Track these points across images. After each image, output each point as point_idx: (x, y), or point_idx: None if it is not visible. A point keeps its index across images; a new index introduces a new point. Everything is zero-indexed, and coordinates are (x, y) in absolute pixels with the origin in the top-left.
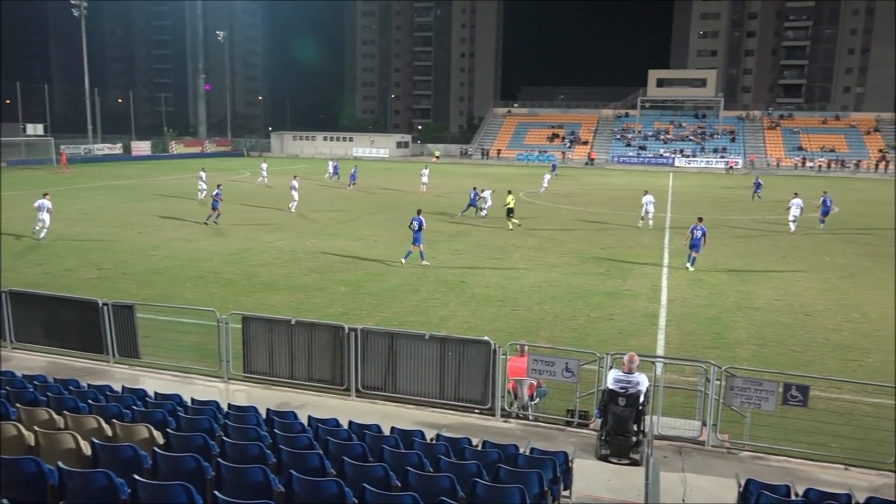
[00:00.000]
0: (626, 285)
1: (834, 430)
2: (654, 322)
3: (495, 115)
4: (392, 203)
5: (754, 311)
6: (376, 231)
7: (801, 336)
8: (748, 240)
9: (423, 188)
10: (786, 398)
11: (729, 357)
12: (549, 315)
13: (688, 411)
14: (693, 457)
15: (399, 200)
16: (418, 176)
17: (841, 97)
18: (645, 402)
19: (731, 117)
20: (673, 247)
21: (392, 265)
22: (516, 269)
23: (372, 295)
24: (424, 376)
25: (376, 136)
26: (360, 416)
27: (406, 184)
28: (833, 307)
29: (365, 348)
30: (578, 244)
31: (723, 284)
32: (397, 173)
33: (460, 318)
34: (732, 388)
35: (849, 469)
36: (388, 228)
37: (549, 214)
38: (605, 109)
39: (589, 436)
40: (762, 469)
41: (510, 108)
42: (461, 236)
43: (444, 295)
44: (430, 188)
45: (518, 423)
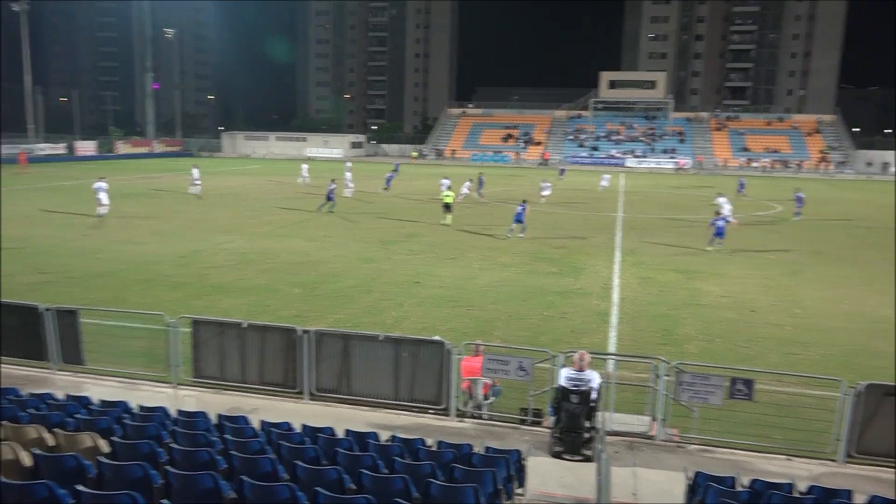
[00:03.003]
0: (578, 284)
1: (777, 421)
2: (606, 320)
3: (450, 116)
4: (346, 203)
5: (702, 307)
6: (330, 232)
7: (746, 331)
8: (696, 239)
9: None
10: (732, 392)
11: (678, 353)
12: (503, 314)
13: (638, 407)
14: (644, 451)
15: (353, 201)
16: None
17: (784, 99)
18: (597, 399)
19: (680, 118)
20: (624, 245)
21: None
22: (470, 269)
23: (325, 297)
24: (379, 378)
25: (330, 136)
26: (314, 419)
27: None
28: (776, 303)
29: (318, 351)
30: (532, 244)
31: (672, 282)
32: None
33: (415, 318)
34: (681, 383)
35: (791, 459)
36: (343, 229)
37: (503, 214)
38: (558, 110)
39: (542, 433)
40: (710, 462)
41: (465, 108)
42: (416, 237)
43: (398, 296)
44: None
45: (473, 422)
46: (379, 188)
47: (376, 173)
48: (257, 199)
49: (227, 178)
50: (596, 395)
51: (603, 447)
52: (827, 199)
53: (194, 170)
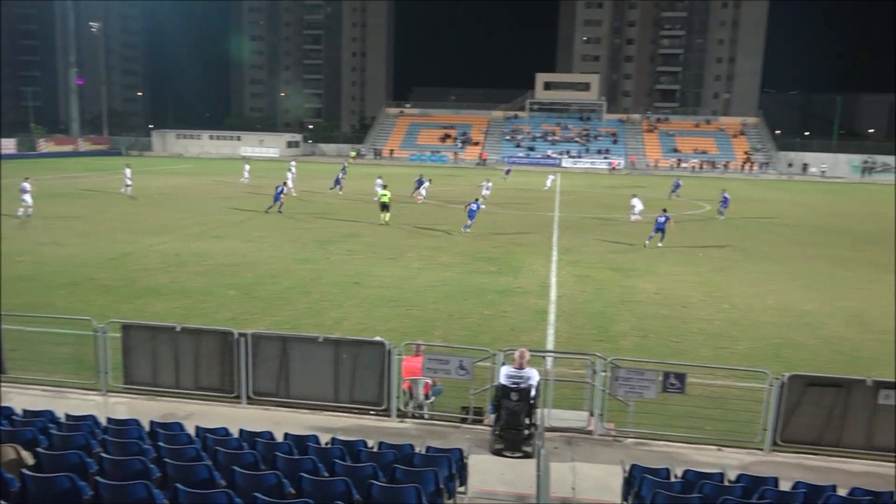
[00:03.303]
0: (517, 283)
1: (708, 413)
2: (544, 318)
3: (387, 115)
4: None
5: (636, 304)
6: (267, 232)
7: (678, 327)
8: (630, 237)
9: (339, 188)
10: (665, 386)
11: (614, 349)
12: (444, 314)
13: (576, 403)
14: (582, 446)
15: (291, 200)
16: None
17: (711, 102)
18: (536, 396)
19: (613, 120)
20: (561, 244)
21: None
22: (410, 269)
23: (263, 298)
24: (319, 380)
25: (265, 135)
26: (252, 424)
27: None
28: (707, 299)
29: (256, 354)
30: (471, 243)
31: (607, 280)
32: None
33: (354, 319)
34: (617, 378)
35: (722, 450)
36: (280, 229)
37: (441, 215)
38: (495, 111)
39: (483, 431)
40: (645, 454)
41: (402, 108)
42: (354, 237)
43: (337, 296)
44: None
45: (414, 422)
46: (323, 188)
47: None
48: (192, 199)
49: (159, 177)
50: (535, 393)
51: (542, 443)
52: (752, 199)
53: (127, 169)
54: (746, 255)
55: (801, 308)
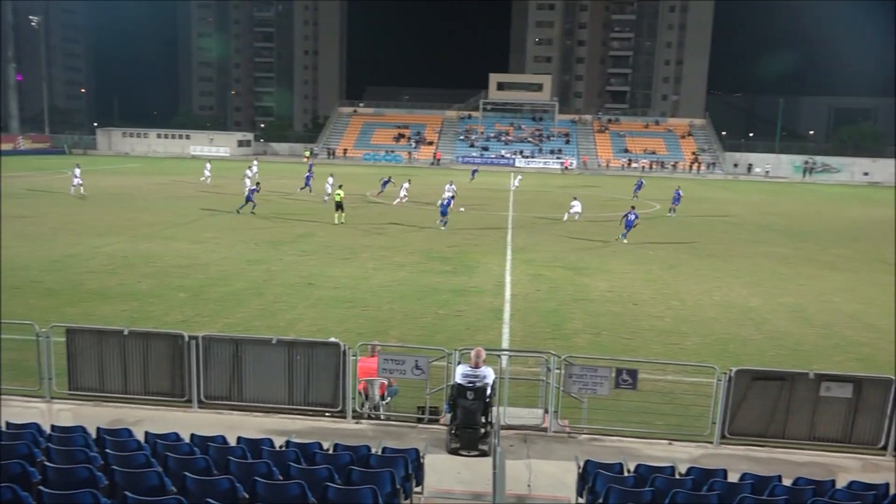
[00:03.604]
0: (472, 282)
1: (659, 409)
2: (499, 317)
3: (341, 115)
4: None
5: (589, 302)
6: (218, 233)
7: (630, 324)
8: (583, 236)
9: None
10: (618, 382)
11: (567, 347)
12: (399, 314)
13: (531, 400)
14: (537, 443)
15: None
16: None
17: (660, 104)
18: (492, 395)
19: (565, 120)
20: (515, 244)
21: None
22: (365, 270)
23: (214, 300)
24: (272, 382)
25: (215, 133)
26: (204, 428)
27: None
28: (657, 296)
29: (207, 357)
30: (426, 243)
31: (561, 279)
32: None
33: (309, 320)
34: (571, 375)
35: (672, 444)
36: (232, 230)
37: (396, 215)
38: (448, 111)
39: (439, 431)
40: (599, 450)
41: (356, 107)
42: (308, 237)
43: (291, 297)
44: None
45: (370, 423)
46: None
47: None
48: (140, 199)
49: (105, 177)
50: (491, 391)
51: (498, 441)
52: (700, 198)
53: (76, 169)
54: (694, 254)
55: (746, 304)
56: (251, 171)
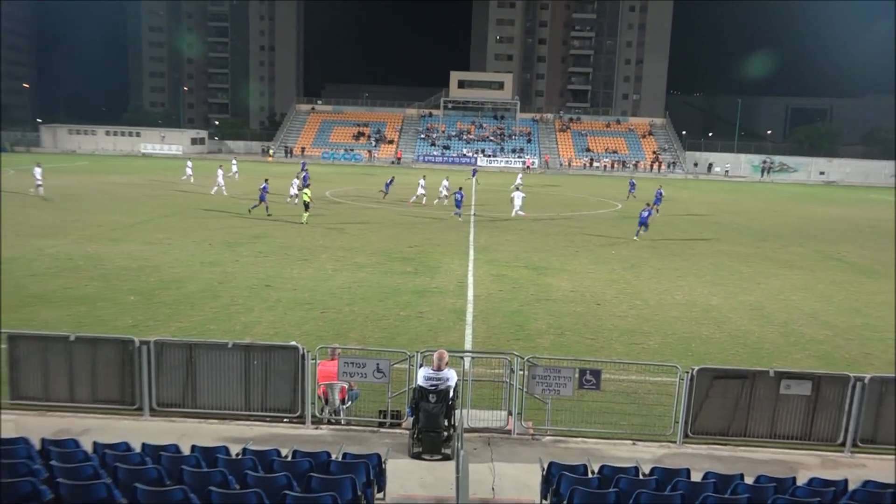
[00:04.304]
0: (434, 283)
1: (623, 409)
2: (462, 318)
3: (298, 112)
4: (188, 204)
5: (552, 302)
6: (170, 234)
7: (593, 324)
8: (545, 236)
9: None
10: (581, 383)
11: (531, 347)
12: (359, 316)
13: (495, 402)
14: (501, 446)
15: (198, 201)
16: None
17: (621, 103)
18: (454, 397)
19: (526, 119)
20: (477, 243)
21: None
22: (324, 271)
23: (167, 304)
24: (228, 388)
25: (167, 131)
26: (156, 437)
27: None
28: (619, 296)
29: (160, 362)
30: (387, 243)
31: (523, 279)
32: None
33: (266, 323)
34: (534, 377)
35: (636, 444)
36: (184, 231)
37: (356, 214)
38: (409, 109)
39: (402, 435)
40: (563, 452)
41: (314, 104)
42: (264, 237)
43: (247, 300)
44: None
45: (330, 428)
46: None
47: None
48: (87, 198)
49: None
50: (453, 394)
51: (461, 445)
52: None
53: (37, 169)
54: (656, 253)
55: (707, 303)
56: (231, 169)
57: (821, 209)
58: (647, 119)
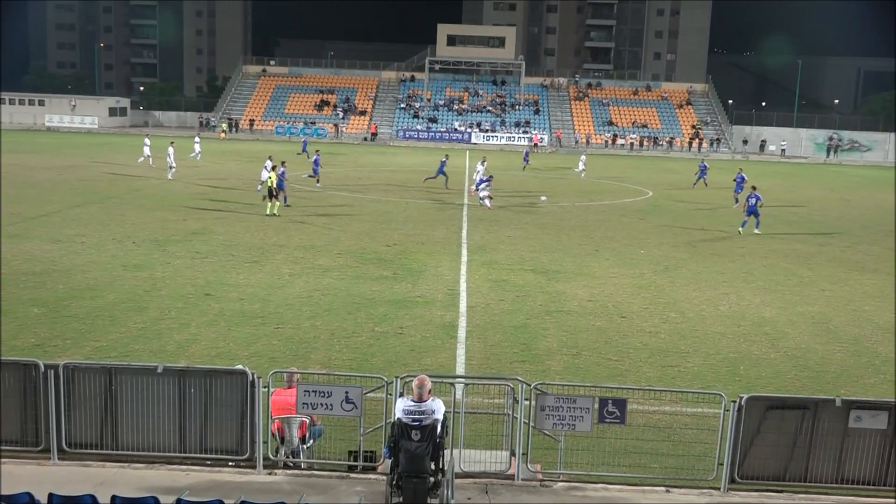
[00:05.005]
0: (417, 290)
1: (653, 447)
2: (453, 334)
3: (246, 75)
4: (108, 190)
5: (566, 315)
6: (83, 229)
7: (616, 341)
8: (557, 231)
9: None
10: (602, 415)
11: (539, 371)
12: (324, 332)
13: (494, 440)
14: (502, 494)
15: (117, 186)
16: None
17: (652, 65)
18: (443, 434)
19: (534, 85)
20: (472, 241)
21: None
22: (279, 276)
23: (80, 318)
24: (157, 423)
25: (79, 98)
26: (67, 486)
27: (128, 164)
28: (649, 306)
29: (71, 392)
30: (358, 241)
31: (530, 285)
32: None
33: (206, 342)
34: (543, 408)
35: (670, 491)
36: (101, 226)
37: (319, 205)
38: (386, 71)
39: (377, 482)
40: (579, 501)
41: (265, 66)
42: (203, 234)
43: (182, 312)
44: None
45: (287, 473)
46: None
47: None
48: None
49: None
50: (441, 430)
51: (452, 493)
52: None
53: None
54: (695, 253)
55: (758, 315)
56: (194, 149)
57: None
58: (684, 85)
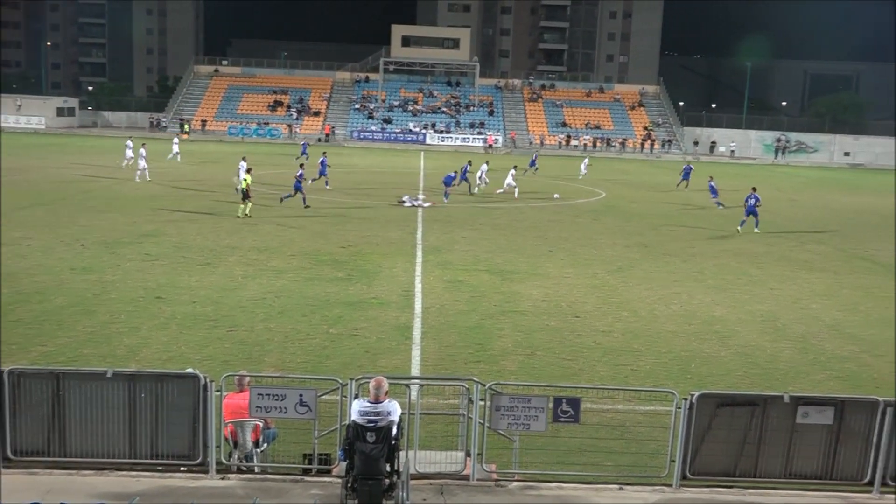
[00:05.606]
0: (372, 292)
1: (607, 445)
2: (408, 335)
3: (197, 75)
4: (56, 192)
5: (520, 315)
6: (29, 231)
7: (570, 341)
8: (512, 232)
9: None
10: (556, 415)
11: (494, 372)
12: (278, 335)
13: (449, 441)
14: (457, 495)
15: (67, 188)
16: None
17: (604, 66)
18: (398, 436)
19: (488, 86)
20: (427, 242)
21: None
22: (232, 278)
23: (26, 323)
24: (107, 429)
25: (25, 98)
26: (13, 496)
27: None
28: (603, 306)
29: (16, 398)
30: (312, 242)
31: (485, 286)
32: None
33: (157, 345)
34: (498, 408)
35: (624, 489)
36: (49, 227)
37: (272, 206)
38: (340, 72)
39: (332, 484)
40: (534, 500)
41: (217, 65)
42: (155, 236)
43: (132, 316)
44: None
45: (240, 478)
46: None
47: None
48: None
49: None
50: (397, 431)
51: (407, 495)
52: (655, 184)
53: None
54: (648, 253)
55: (709, 314)
56: (173, 150)
57: (846, 198)
58: (636, 87)
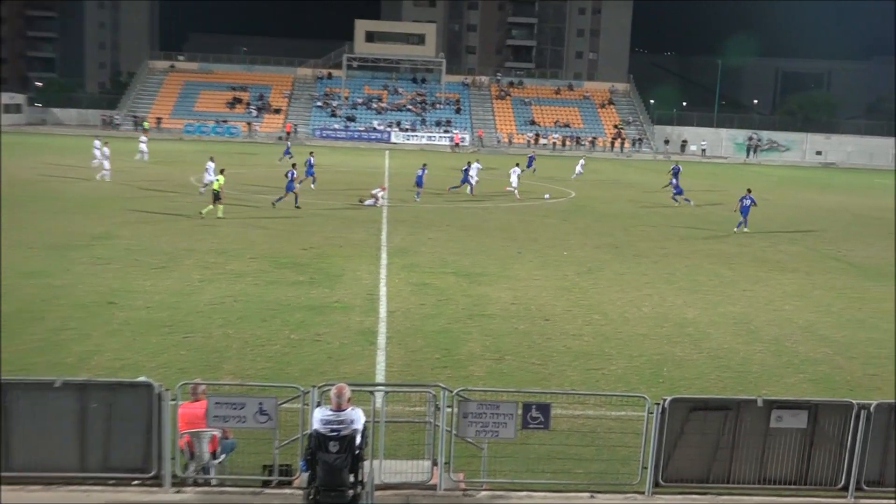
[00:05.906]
0: (335, 295)
1: (578, 452)
2: (372, 340)
3: (152, 71)
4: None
5: (489, 318)
6: None
7: (540, 345)
8: (480, 233)
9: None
10: (526, 421)
11: (461, 377)
12: (236, 341)
13: (416, 450)
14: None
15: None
16: None
17: (574, 63)
18: (362, 445)
19: (455, 83)
20: (392, 243)
21: None
22: (189, 282)
23: None
24: (56, 441)
25: None
26: None
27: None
28: (573, 309)
29: None
30: (273, 244)
31: (452, 288)
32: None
33: (109, 353)
34: (466, 415)
35: (595, 497)
36: None
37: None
38: (301, 68)
39: (294, 496)
40: None
41: (173, 61)
42: (108, 239)
43: (83, 322)
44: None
45: (197, 491)
46: None
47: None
48: None
49: None
50: (361, 440)
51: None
52: (626, 184)
53: None
54: (618, 254)
55: (681, 316)
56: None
57: (817, 197)
58: (606, 84)
